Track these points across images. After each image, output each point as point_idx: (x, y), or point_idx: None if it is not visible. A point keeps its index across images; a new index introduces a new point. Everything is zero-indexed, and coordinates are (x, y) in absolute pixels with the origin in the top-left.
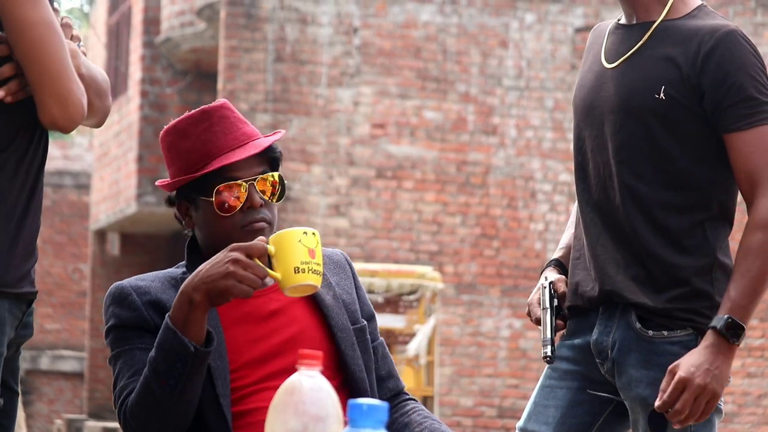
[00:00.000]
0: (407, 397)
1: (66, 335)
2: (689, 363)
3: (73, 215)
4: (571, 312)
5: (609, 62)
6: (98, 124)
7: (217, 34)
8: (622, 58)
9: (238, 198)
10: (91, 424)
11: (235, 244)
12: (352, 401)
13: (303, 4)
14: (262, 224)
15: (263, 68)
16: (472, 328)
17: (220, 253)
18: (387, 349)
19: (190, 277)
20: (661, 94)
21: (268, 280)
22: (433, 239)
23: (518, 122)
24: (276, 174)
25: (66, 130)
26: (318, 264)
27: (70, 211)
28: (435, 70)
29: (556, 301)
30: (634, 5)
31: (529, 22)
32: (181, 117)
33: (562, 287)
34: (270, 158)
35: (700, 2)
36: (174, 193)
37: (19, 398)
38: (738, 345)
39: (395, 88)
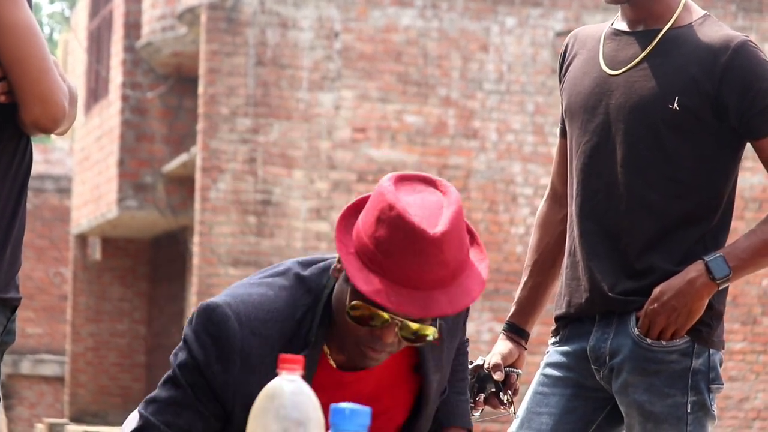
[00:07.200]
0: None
1: (47, 339)
2: (666, 283)
3: (55, 219)
4: (564, 320)
5: (611, 69)
6: (65, 132)
7: (198, 38)
8: (628, 66)
9: (376, 324)
10: (72, 428)
11: None
12: (334, 405)
13: (284, 9)
14: (376, 362)
15: (244, 72)
16: None
17: None
18: (464, 367)
19: None
20: (675, 105)
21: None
22: None
23: (499, 126)
24: (432, 331)
25: (49, 130)
26: None
27: (51, 215)
28: (416, 74)
29: (478, 384)
30: (645, 13)
31: (509, 26)
32: (404, 220)
33: (496, 363)
34: None
35: (704, 11)
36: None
37: (0, 403)
38: (717, 285)
39: (376, 92)
